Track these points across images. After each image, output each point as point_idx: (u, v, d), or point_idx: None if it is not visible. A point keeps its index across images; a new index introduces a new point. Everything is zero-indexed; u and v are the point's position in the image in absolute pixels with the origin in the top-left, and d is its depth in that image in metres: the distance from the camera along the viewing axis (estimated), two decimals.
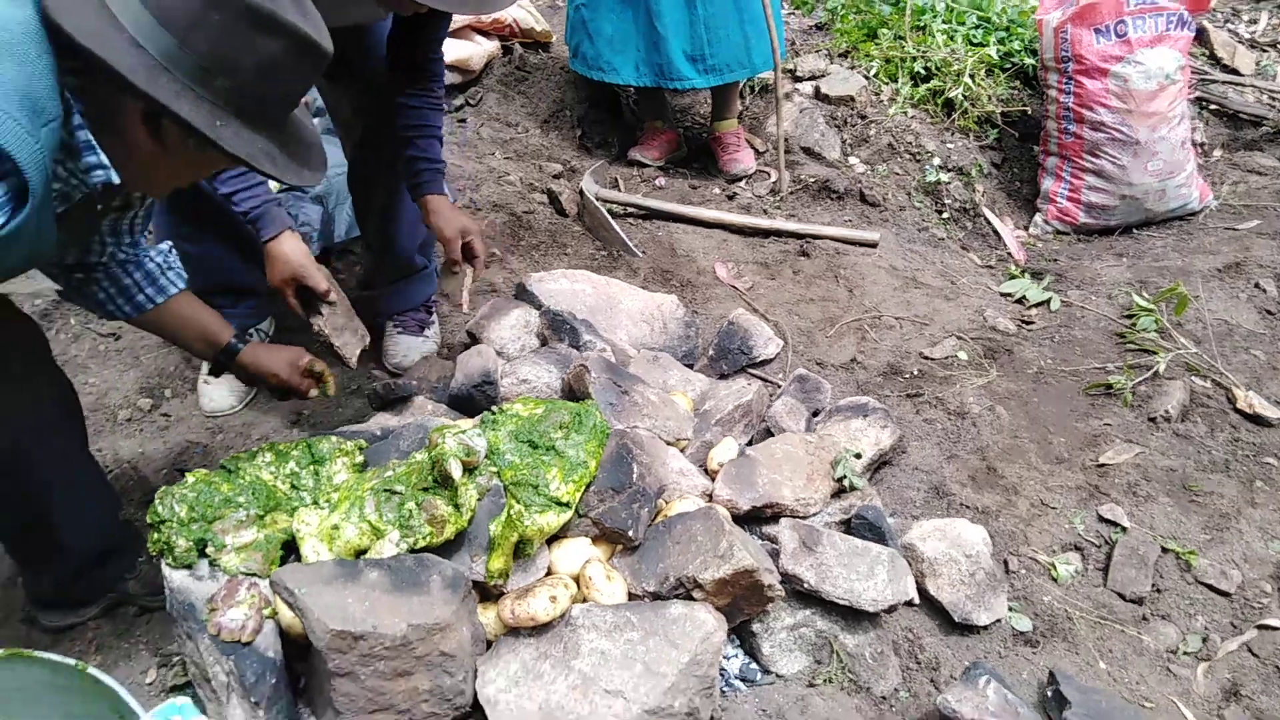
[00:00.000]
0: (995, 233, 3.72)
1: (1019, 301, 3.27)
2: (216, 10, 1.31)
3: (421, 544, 1.71)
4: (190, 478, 1.74)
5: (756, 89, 4.28)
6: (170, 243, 1.97)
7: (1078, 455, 2.49)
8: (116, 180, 1.40)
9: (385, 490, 1.77)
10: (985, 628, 2.01)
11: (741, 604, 1.81)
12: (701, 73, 3.60)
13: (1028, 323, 3.14)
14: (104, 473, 2.05)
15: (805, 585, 1.84)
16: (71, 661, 1.39)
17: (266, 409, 2.59)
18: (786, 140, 3.94)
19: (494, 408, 2.06)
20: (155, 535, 1.67)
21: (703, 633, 1.70)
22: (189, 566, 1.68)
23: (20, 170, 1.19)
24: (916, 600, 2.02)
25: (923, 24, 4.34)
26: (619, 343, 2.63)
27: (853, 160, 3.91)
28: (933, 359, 2.87)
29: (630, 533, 1.84)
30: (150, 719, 1.21)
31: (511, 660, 1.72)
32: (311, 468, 1.87)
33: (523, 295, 2.79)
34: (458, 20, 3.83)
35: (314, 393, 2.11)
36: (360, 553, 1.71)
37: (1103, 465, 2.44)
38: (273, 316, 2.80)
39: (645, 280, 3.17)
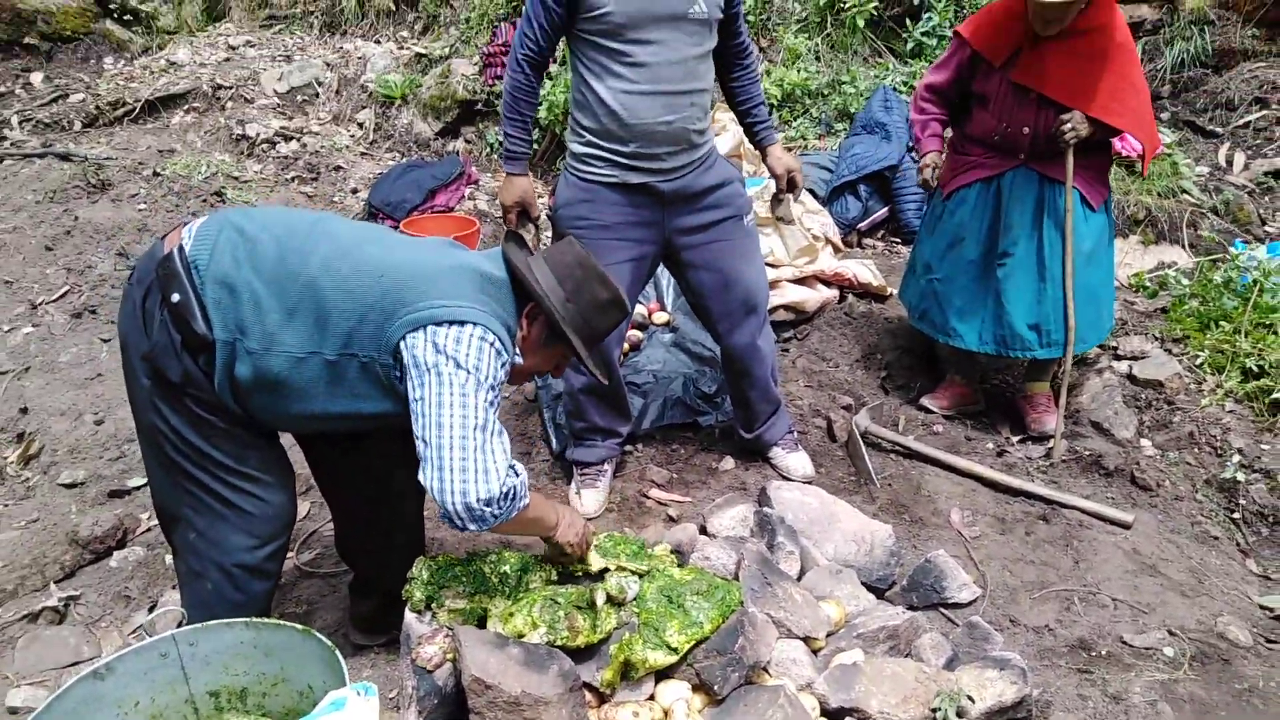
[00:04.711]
0: None
1: (1279, 618, 3.06)
2: (584, 280, 2.35)
3: (559, 642, 2.35)
4: (441, 558, 2.58)
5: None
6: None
7: None
8: (520, 360, 2.41)
9: (552, 599, 2.45)
10: None
11: None
12: (1044, 345, 3.87)
13: (1273, 642, 2.94)
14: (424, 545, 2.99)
15: None
16: (330, 644, 2.24)
17: None
18: (1079, 413, 4.09)
19: (663, 567, 2.67)
20: (407, 586, 2.52)
21: None
22: (418, 612, 2.50)
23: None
24: None
25: (1269, 322, 4.24)
26: (814, 551, 3.08)
27: (1144, 442, 3.92)
28: (1131, 645, 2.86)
29: (716, 687, 2.31)
30: (349, 688, 1.97)
31: None
32: (519, 573, 2.62)
33: (762, 497, 3.37)
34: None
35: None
36: (520, 636, 2.40)
37: None
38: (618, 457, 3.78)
39: (880, 509, 3.56)
